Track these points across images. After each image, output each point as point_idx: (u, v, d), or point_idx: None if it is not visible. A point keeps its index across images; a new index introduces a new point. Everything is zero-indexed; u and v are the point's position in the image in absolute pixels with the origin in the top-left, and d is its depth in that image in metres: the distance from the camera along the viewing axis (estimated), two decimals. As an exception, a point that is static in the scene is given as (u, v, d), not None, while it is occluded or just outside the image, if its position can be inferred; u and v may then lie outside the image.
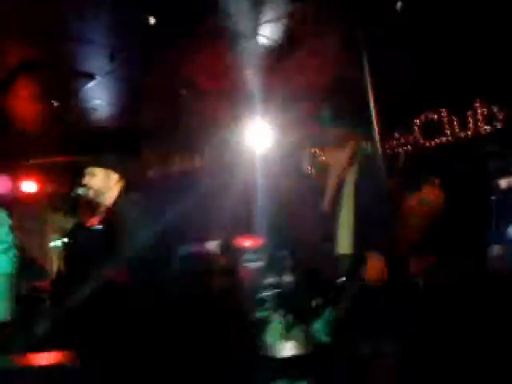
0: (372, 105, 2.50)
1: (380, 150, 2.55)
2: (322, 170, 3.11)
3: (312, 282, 2.83)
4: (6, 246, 1.66)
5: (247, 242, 5.03)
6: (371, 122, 2.52)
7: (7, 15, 3.48)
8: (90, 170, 3.10)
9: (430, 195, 3.45)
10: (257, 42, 4.16)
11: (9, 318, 1.72)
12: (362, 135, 2.83)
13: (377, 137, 2.49)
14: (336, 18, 3.71)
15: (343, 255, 2.66)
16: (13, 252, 1.69)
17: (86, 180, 3.08)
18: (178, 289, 3.30)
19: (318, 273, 2.79)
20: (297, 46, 4.27)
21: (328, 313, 2.61)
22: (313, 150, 6.20)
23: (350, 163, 2.80)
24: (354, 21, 3.14)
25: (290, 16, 3.83)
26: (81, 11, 3.56)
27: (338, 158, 2.87)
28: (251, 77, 4.57)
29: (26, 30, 3.73)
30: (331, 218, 2.77)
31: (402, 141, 5.46)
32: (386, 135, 5.50)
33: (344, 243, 2.66)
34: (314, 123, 3.07)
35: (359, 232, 2.60)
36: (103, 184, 3.08)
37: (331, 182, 2.84)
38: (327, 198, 2.82)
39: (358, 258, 2.56)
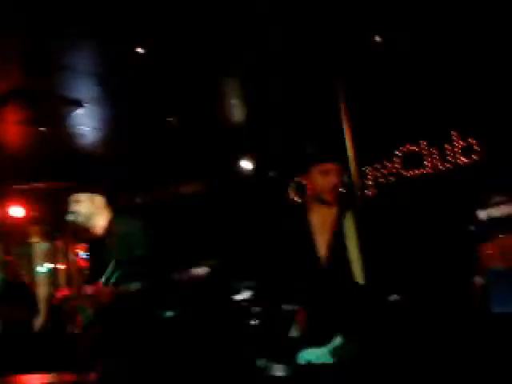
0: (349, 139, 2.58)
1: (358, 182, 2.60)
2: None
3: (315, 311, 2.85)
4: None
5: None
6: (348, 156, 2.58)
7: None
8: (74, 196, 3.15)
9: None
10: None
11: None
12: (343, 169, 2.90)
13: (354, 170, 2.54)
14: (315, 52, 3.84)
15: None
16: None
17: (72, 207, 3.13)
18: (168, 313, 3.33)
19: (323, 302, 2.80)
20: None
21: (336, 341, 2.60)
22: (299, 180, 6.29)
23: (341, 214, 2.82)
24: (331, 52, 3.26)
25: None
26: (69, 41, 3.66)
27: (327, 215, 2.88)
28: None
29: (15, 59, 3.83)
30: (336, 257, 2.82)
31: (384, 171, 5.56)
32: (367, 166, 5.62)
33: (357, 273, 2.71)
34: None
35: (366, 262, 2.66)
36: (89, 209, 3.13)
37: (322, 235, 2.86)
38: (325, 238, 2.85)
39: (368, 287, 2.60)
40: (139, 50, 3.81)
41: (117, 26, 3.51)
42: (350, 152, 2.48)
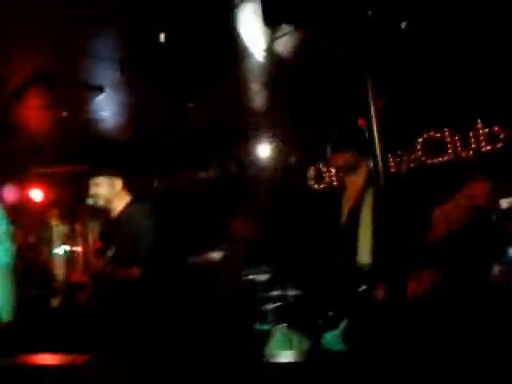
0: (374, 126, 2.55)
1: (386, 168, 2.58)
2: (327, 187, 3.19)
3: (326, 293, 2.89)
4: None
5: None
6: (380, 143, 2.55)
7: (22, 28, 3.59)
8: (94, 179, 3.20)
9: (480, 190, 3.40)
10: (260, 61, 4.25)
11: (12, 317, 1.75)
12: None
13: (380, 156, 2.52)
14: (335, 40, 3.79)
15: (363, 265, 2.73)
16: (8, 243, 1.74)
17: (93, 190, 3.18)
18: (180, 297, 3.37)
19: (332, 284, 2.84)
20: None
21: (342, 324, 2.64)
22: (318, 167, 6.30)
23: (366, 185, 2.86)
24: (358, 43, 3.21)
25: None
26: (92, 26, 3.66)
27: (353, 181, 2.93)
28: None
29: (39, 43, 3.84)
30: (346, 232, 2.84)
31: (405, 159, 5.53)
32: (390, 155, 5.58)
33: (363, 254, 2.74)
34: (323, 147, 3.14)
35: (377, 245, 2.68)
36: (109, 192, 3.18)
37: (347, 204, 2.90)
38: (344, 216, 2.89)
39: (376, 270, 2.62)
40: (161, 36, 3.78)
41: (139, 13, 3.50)
42: (376, 137, 2.44)
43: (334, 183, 6.10)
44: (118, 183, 3.20)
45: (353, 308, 2.67)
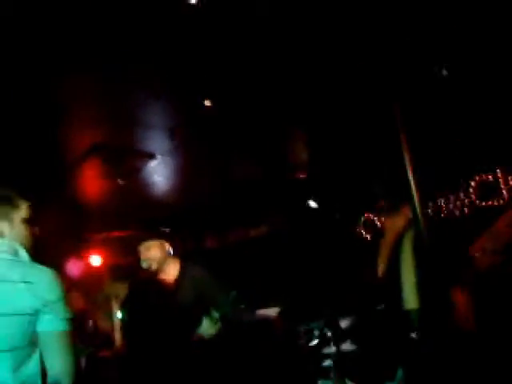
0: (411, 173, 2.57)
1: (424, 213, 2.60)
2: (377, 234, 3.20)
3: (381, 343, 2.84)
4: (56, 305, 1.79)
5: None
6: (417, 188, 2.58)
7: (80, 103, 3.85)
8: (144, 244, 3.29)
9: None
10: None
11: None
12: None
13: (419, 202, 2.54)
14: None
15: (410, 311, 2.70)
16: (64, 310, 1.82)
17: (144, 254, 3.27)
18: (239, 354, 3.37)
19: (386, 333, 2.81)
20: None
21: (400, 373, 2.59)
22: (368, 216, 6.25)
23: (406, 228, 2.87)
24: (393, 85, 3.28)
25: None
26: (145, 99, 3.90)
27: (394, 224, 2.95)
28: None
29: (97, 117, 4.11)
30: (389, 278, 2.82)
31: (458, 203, 5.42)
32: (438, 198, 5.50)
33: (410, 299, 2.72)
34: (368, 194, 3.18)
35: (422, 287, 2.65)
36: (160, 255, 3.26)
37: (386, 246, 2.91)
38: (382, 261, 2.89)
39: (424, 312, 2.59)
40: (207, 103, 3.97)
41: (187, 84, 3.70)
42: (413, 185, 2.47)
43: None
44: (167, 246, 3.29)
45: (406, 356, 2.62)
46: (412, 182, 2.51)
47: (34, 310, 1.72)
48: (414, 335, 2.60)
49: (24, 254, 1.86)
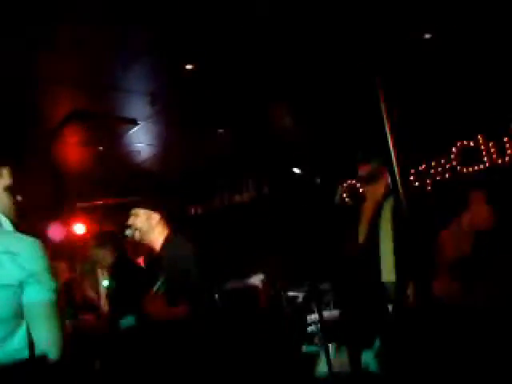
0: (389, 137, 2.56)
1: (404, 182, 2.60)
2: (359, 201, 3.21)
3: (359, 313, 2.88)
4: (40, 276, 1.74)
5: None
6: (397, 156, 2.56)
7: (60, 69, 3.77)
8: (134, 210, 3.24)
9: (480, 215, 3.28)
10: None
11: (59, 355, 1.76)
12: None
13: (398, 170, 2.53)
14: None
15: (387, 283, 2.72)
16: (49, 280, 1.78)
17: (131, 220, 3.22)
18: (220, 322, 3.39)
19: (363, 303, 2.84)
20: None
21: (378, 342, 2.64)
22: (349, 182, 6.29)
23: (386, 195, 2.87)
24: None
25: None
26: (124, 62, 3.82)
27: (374, 191, 2.95)
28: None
29: (76, 82, 4.02)
30: (368, 248, 2.84)
31: (439, 169, 5.46)
32: (420, 164, 5.53)
33: (387, 271, 2.73)
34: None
35: (399, 260, 2.66)
36: (146, 224, 3.20)
37: (367, 214, 2.92)
38: (363, 228, 2.90)
39: (400, 285, 2.61)
40: (189, 67, 3.89)
41: (168, 46, 3.62)
42: (392, 150, 2.46)
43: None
44: (156, 216, 3.19)
45: (383, 327, 2.65)
46: (392, 150, 2.51)
47: (18, 282, 1.69)
48: (389, 307, 2.63)
49: (7, 224, 1.82)
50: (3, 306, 1.68)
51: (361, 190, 6.16)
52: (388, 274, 2.71)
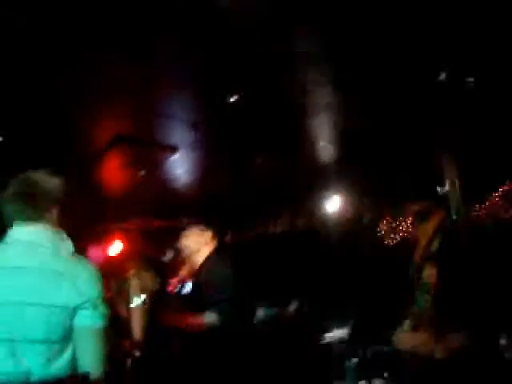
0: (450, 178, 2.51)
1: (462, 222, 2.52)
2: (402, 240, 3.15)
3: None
4: (95, 300, 1.75)
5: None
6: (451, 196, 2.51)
7: (107, 94, 3.88)
8: (184, 232, 3.28)
9: None
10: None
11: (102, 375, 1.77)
12: (445, 208, 2.83)
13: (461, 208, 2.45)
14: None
15: None
16: (103, 306, 1.78)
17: (182, 241, 3.27)
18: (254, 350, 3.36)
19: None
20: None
21: None
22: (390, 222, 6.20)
23: (436, 235, 2.80)
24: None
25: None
26: (168, 90, 3.91)
27: (424, 230, 2.88)
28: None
29: (120, 108, 4.15)
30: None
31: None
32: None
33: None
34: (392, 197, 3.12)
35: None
36: (197, 242, 3.24)
37: (418, 253, 2.85)
38: (414, 267, 2.84)
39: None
40: (231, 98, 3.96)
41: (212, 78, 3.70)
42: (455, 190, 2.40)
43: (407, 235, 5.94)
44: (208, 235, 3.25)
45: None
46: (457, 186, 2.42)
47: (75, 305, 1.71)
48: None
49: (69, 244, 1.84)
50: (56, 328, 1.69)
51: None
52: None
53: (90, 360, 1.71)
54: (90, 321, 1.73)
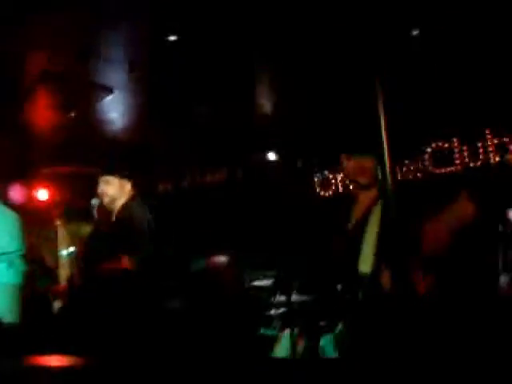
0: (384, 134, 2.52)
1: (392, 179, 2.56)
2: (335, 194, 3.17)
3: (327, 299, 2.88)
4: (12, 256, 1.66)
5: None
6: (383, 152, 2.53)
7: (34, 28, 3.60)
8: (104, 178, 3.22)
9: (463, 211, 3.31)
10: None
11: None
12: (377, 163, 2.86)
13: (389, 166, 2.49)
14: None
15: (362, 273, 2.71)
16: (19, 263, 1.69)
17: (101, 187, 3.20)
18: (184, 299, 3.38)
19: (333, 290, 2.83)
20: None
21: (337, 329, 2.64)
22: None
23: (376, 201, 2.83)
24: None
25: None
26: (103, 27, 3.68)
27: (366, 196, 2.90)
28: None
29: (49, 42, 3.85)
30: (350, 240, 2.82)
31: (412, 168, 5.51)
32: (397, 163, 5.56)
33: (365, 263, 2.72)
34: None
35: (379, 249, 2.66)
36: (117, 192, 3.21)
37: (356, 214, 2.88)
38: (352, 225, 2.87)
39: (375, 272, 2.61)
40: (171, 38, 3.79)
41: (150, 15, 3.50)
42: (385, 146, 2.42)
43: (340, 190, 6.08)
44: (128, 185, 3.23)
45: (348, 313, 2.66)
46: (385, 145, 2.43)
47: None
48: (360, 296, 2.62)
49: None
50: None
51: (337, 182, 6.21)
52: (365, 266, 2.71)
53: (2, 312, 1.66)
54: (5, 278, 1.66)
